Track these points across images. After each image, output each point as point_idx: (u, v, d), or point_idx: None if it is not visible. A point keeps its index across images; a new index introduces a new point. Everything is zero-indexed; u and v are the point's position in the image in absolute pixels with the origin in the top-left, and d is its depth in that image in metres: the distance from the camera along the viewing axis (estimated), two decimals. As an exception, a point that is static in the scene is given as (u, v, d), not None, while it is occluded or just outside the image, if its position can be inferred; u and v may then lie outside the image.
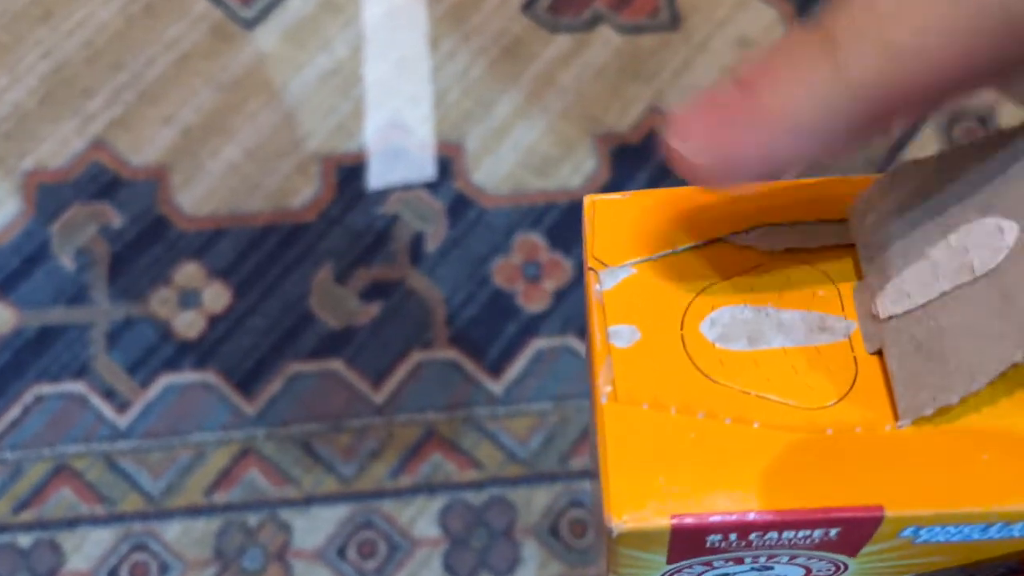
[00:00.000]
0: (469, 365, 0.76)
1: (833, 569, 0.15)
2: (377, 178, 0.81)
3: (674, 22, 0.87)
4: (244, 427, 0.74)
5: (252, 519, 0.72)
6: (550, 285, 0.78)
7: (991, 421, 0.15)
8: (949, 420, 0.15)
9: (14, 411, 0.74)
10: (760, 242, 0.17)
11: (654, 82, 0.84)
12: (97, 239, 0.79)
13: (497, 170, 0.81)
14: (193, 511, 0.72)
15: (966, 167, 0.15)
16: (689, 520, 0.14)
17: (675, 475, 0.14)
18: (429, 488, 0.73)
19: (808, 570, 0.15)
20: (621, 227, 0.16)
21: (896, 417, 0.15)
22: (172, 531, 0.71)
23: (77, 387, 0.75)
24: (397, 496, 0.73)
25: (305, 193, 0.80)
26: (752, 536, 0.14)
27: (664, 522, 0.14)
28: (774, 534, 0.14)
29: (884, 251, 0.15)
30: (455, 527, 0.72)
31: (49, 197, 0.80)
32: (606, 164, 0.81)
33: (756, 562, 0.15)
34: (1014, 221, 0.14)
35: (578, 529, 0.72)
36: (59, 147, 0.82)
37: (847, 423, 0.15)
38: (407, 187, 0.81)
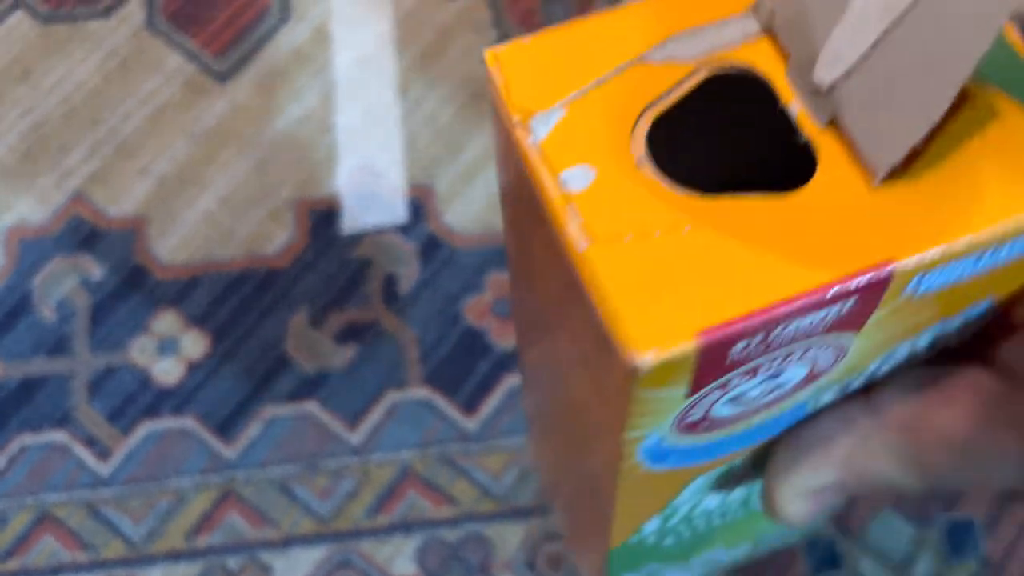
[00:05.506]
0: (442, 403, 0.77)
1: (834, 358, 0.15)
2: (350, 222, 0.83)
3: (636, 61, 0.89)
4: (223, 471, 0.75)
5: (232, 562, 0.73)
6: (520, 322, 0.79)
7: (960, 159, 0.14)
8: (921, 168, 0.14)
9: (0, 462, 0.76)
10: (676, 52, 0.16)
11: (618, 120, 0.86)
12: (78, 290, 0.81)
13: (467, 211, 0.83)
14: (174, 556, 0.73)
15: None
16: (715, 331, 0.13)
17: (682, 295, 0.13)
18: (405, 526, 0.74)
19: (813, 364, 0.15)
20: (534, 73, 0.16)
21: (871, 177, 0.14)
22: (153, 576, 0.73)
23: (59, 436, 0.76)
24: (374, 535, 0.74)
25: (279, 239, 0.82)
26: (774, 333, 0.14)
27: (690, 343, 0.13)
28: (795, 324, 0.14)
29: (803, 23, 0.15)
30: (432, 564, 0.73)
31: (30, 251, 0.82)
32: (573, 202, 0.83)
33: (770, 369, 0.15)
34: None
35: (554, 562, 0.73)
36: (39, 202, 0.84)
37: (829, 198, 0.14)
38: (379, 230, 0.83)
